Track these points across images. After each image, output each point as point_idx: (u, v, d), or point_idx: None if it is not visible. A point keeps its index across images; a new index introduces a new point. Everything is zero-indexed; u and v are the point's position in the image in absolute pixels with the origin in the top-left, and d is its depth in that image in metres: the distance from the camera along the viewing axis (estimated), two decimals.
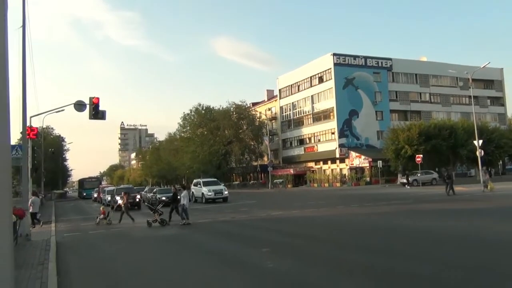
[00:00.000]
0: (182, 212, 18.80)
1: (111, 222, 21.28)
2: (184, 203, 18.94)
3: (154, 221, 19.13)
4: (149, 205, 21.13)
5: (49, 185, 73.29)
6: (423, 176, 46.15)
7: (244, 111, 73.22)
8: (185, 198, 19.20)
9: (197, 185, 37.79)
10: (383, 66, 65.43)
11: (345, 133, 61.54)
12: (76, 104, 24.34)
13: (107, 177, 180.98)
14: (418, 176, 46.00)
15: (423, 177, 45.96)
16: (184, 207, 18.80)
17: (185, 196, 19.37)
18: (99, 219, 21.66)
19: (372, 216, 18.22)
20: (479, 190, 30.19)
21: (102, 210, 22.30)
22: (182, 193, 19.80)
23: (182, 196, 19.34)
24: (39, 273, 9.10)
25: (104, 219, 21.48)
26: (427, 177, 46.37)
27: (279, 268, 8.81)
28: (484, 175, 31.19)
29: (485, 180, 30.70)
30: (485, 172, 31.83)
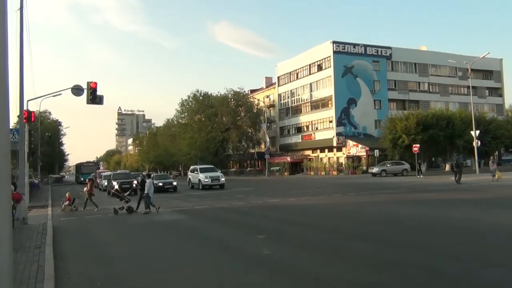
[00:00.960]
0: (146, 200, 18.60)
1: (76, 208, 21.20)
2: (148, 192, 18.69)
3: (121, 209, 18.88)
4: (116, 193, 20.60)
5: (45, 169, 73.22)
6: (392, 166, 46.97)
7: (242, 98, 72.99)
8: (149, 187, 18.88)
9: (194, 172, 37.75)
10: (383, 54, 65.14)
11: (342, 121, 61.49)
12: (74, 88, 24.13)
13: (103, 162, 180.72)
14: (387, 166, 46.87)
15: (393, 168, 46.80)
16: (148, 196, 18.56)
17: (149, 185, 19.01)
18: (64, 205, 21.59)
19: (368, 205, 18.30)
20: (487, 180, 30.39)
21: (68, 196, 22.14)
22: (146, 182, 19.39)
23: (145, 185, 19.06)
24: (36, 256, 9.14)
25: (69, 205, 21.38)
26: (397, 167, 46.98)
27: (275, 255, 8.86)
28: (492, 164, 31.67)
29: (493, 169, 31.08)
30: (493, 161, 32.30)
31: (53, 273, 7.58)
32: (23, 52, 15.95)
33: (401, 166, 47.14)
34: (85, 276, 7.97)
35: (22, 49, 15.91)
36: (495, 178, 30.66)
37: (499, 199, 18.82)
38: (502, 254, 8.07)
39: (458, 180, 28.83)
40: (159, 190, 33.20)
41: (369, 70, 63.63)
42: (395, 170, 46.38)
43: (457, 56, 60.67)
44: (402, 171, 46.22)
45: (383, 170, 46.11)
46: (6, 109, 3.33)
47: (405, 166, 46.88)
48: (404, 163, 48.04)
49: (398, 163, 47.92)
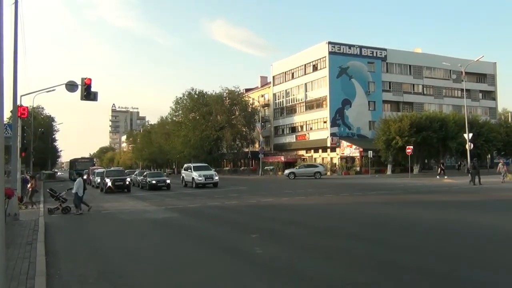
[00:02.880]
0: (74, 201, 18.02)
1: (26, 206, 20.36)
2: (77, 192, 18.06)
3: (56, 209, 18.22)
4: (51, 192, 19.50)
5: (38, 165, 72.70)
6: (303, 169, 48.72)
7: (237, 97, 72.89)
8: (77, 187, 18.17)
9: (187, 170, 37.62)
10: (378, 56, 65.31)
11: (337, 122, 61.59)
12: (68, 84, 23.98)
13: (97, 159, 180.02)
14: (297, 169, 48.93)
15: (304, 170, 48.32)
16: (77, 196, 17.97)
17: (78, 185, 18.26)
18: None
19: (361, 205, 18.39)
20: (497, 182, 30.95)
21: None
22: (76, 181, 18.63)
23: (75, 184, 18.38)
24: (27, 253, 9.10)
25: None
26: (309, 170, 48.36)
27: (268, 254, 8.88)
28: (502, 166, 32.71)
29: (503, 171, 32.15)
30: (503, 164, 33.36)
31: (45, 269, 7.56)
32: (17, 47, 15.85)
33: (313, 169, 48.45)
34: (77, 273, 7.95)
35: (16, 44, 15.80)
36: (506, 179, 31.62)
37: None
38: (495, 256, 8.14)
39: (473, 181, 29.56)
40: (153, 188, 33.22)
41: (364, 71, 63.78)
42: (306, 172, 47.76)
43: (452, 59, 60.97)
44: (314, 173, 47.17)
45: (291, 173, 47.92)
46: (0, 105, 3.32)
47: (317, 169, 48.33)
48: (317, 165, 50.34)
49: (311, 165, 49.97)
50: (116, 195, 29.16)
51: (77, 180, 18.73)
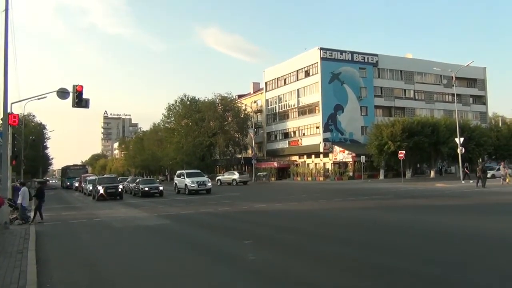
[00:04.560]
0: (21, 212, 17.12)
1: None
2: (22, 202, 17.02)
3: (14, 219, 17.23)
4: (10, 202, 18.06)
5: (29, 173, 72.04)
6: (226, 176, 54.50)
7: (229, 103, 72.86)
8: (23, 197, 17.06)
9: (180, 176, 37.47)
10: (369, 61, 65.69)
11: (329, 127, 61.75)
12: (59, 91, 23.84)
13: (89, 166, 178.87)
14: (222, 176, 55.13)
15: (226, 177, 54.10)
16: (22, 207, 17.06)
17: (23, 194, 17.12)
18: None
19: (354, 210, 18.41)
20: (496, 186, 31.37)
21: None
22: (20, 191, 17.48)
23: (19, 194, 17.26)
24: (18, 261, 9.00)
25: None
26: (228, 177, 53.81)
27: (261, 260, 8.86)
28: (504, 169, 33.78)
29: (504, 174, 33.28)
30: (504, 166, 34.48)
31: (36, 278, 7.47)
32: (7, 54, 15.76)
33: (231, 176, 53.76)
34: (69, 281, 7.88)
35: (6, 51, 15.73)
36: (506, 182, 32.23)
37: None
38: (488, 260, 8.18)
39: (483, 184, 30.07)
40: (145, 195, 33.07)
41: (356, 77, 64.10)
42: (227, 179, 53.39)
43: (442, 64, 61.46)
44: (232, 180, 52.13)
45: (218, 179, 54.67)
46: None
47: (234, 176, 53.12)
48: (234, 173, 55.28)
49: (232, 173, 55.24)
50: (108, 202, 28.97)
51: (21, 189, 17.65)
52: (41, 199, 18.39)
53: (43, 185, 19.72)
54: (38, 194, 18.66)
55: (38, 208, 17.86)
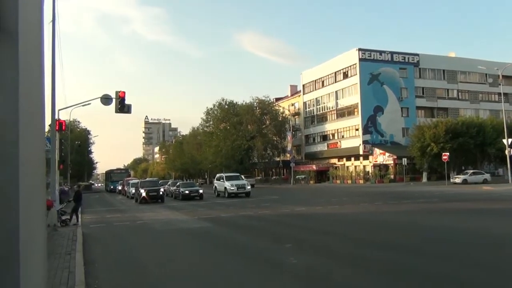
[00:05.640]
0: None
1: None
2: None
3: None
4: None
5: (75, 177, 74.72)
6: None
7: (267, 106, 73.00)
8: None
9: (219, 180, 37.65)
10: (410, 61, 64.17)
11: (369, 129, 60.72)
12: (103, 98, 24.69)
13: (131, 170, 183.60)
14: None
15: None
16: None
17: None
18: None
19: (398, 214, 17.93)
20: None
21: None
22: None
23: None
24: (66, 262, 9.29)
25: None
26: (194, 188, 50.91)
27: (303, 264, 8.75)
28: None
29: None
30: None
31: (84, 279, 7.68)
32: (55, 63, 16.42)
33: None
34: (115, 283, 8.06)
35: (54, 60, 16.38)
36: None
37: None
38: None
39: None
40: (186, 198, 33.56)
41: (396, 78, 62.75)
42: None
43: (487, 62, 59.13)
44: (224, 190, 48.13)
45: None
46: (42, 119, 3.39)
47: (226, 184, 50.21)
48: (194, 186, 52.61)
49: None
50: (150, 205, 29.57)
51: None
52: (78, 203, 18.89)
53: (80, 189, 20.25)
54: (75, 197, 19.19)
55: (74, 211, 18.34)
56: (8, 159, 3.06)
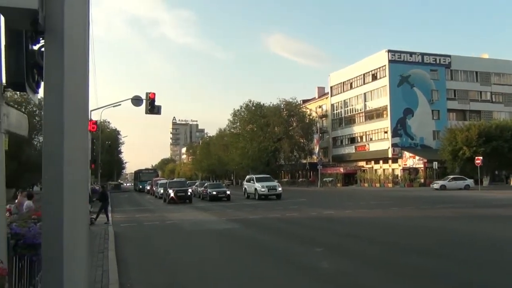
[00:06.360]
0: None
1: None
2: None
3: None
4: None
5: (105, 176, 76.12)
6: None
7: (294, 108, 72.73)
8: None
9: (250, 181, 37.07)
10: (441, 63, 62.77)
11: (398, 132, 59.69)
12: (134, 99, 25.13)
13: (158, 170, 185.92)
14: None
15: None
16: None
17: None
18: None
19: (430, 220, 17.50)
20: None
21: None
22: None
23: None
24: (100, 261, 9.43)
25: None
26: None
27: (336, 269, 8.63)
28: None
29: None
30: None
31: (117, 278, 7.77)
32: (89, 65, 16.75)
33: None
34: (147, 282, 8.12)
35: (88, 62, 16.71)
36: None
37: None
38: None
39: None
40: (213, 199, 33.71)
41: (427, 79, 61.49)
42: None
43: None
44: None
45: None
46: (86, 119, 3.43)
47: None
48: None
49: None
50: (178, 205, 29.84)
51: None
52: (105, 202, 19.20)
53: (106, 189, 20.66)
54: (101, 197, 19.53)
55: (103, 210, 18.61)
56: (54, 159, 3.12)
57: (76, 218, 3.12)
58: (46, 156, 3.14)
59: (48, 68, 3.21)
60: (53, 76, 3.18)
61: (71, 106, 3.17)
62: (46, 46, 3.25)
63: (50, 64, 3.20)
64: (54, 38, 3.18)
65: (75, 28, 3.22)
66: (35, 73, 4.06)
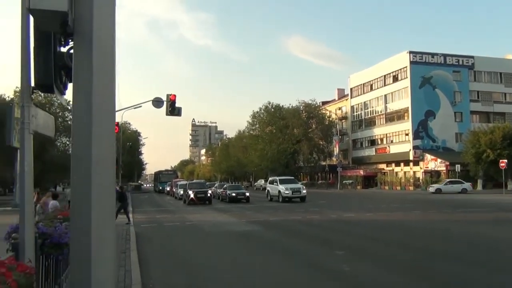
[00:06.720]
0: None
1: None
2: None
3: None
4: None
5: (125, 177, 77.05)
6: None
7: (313, 110, 72.39)
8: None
9: (273, 183, 35.91)
10: (464, 64, 61.66)
11: (420, 134, 58.84)
12: (155, 100, 25.38)
13: (178, 171, 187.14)
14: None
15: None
16: None
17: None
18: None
19: (453, 224, 17.17)
20: None
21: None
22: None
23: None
24: (122, 261, 9.50)
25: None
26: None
27: (357, 272, 8.52)
28: None
29: None
30: None
31: (140, 278, 7.82)
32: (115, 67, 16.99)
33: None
34: (168, 283, 8.16)
35: None
36: None
37: None
38: None
39: None
40: (232, 201, 33.76)
41: (449, 81, 60.46)
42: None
43: None
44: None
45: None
46: (112, 120, 3.46)
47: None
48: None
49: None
50: (198, 207, 29.96)
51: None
52: (124, 203, 19.37)
53: (124, 190, 20.89)
54: (120, 198, 19.57)
55: (122, 211, 18.77)
56: (83, 160, 3.15)
57: (104, 219, 3.14)
58: (74, 157, 3.17)
59: (77, 69, 3.24)
60: (81, 78, 3.21)
61: (99, 107, 3.19)
62: (75, 48, 3.28)
63: (79, 66, 3.23)
64: (82, 40, 3.21)
65: (103, 29, 3.25)
66: (63, 74, 4.12)
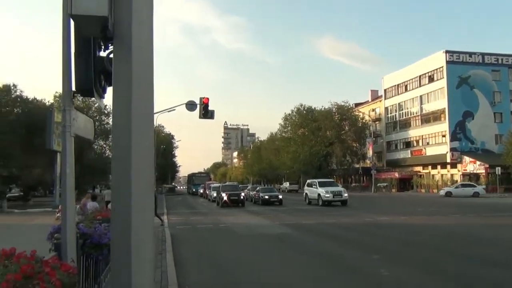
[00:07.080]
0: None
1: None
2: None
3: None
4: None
5: (160, 179, 78.42)
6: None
7: (346, 111, 71.48)
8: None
9: (311, 186, 34.62)
10: (504, 63, 59.50)
11: (457, 136, 57.12)
12: (188, 104, 25.79)
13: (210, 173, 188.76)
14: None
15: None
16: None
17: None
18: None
19: (495, 228, 16.55)
20: None
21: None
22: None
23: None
24: (158, 262, 9.63)
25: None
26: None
27: (396, 277, 8.32)
28: None
29: None
30: None
31: (176, 280, 7.91)
32: None
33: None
34: (204, 284, 8.22)
35: None
36: None
37: None
38: None
39: None
40: (265, 203, 33.75)
41: (488, 81, 58.48)
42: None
43: None
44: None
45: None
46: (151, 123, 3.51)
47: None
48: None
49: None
50: (231, 209, 30.08)
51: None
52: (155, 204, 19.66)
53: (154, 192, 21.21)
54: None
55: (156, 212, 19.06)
56: (123, 162, 3.20)
57: (144, 220, 3.19)
58: (115, 159, 3.23)
59: (117, 73, 3.29)
60: (121, 82, 3.26)
61: (138, 111, 3.24)
62: (114, 51, 3.34)
63: (118, 70, 3.29)
64: (122, 44, 3.26)
65: (142, 34, 3.29)
66: (102, 78, 4.22)
